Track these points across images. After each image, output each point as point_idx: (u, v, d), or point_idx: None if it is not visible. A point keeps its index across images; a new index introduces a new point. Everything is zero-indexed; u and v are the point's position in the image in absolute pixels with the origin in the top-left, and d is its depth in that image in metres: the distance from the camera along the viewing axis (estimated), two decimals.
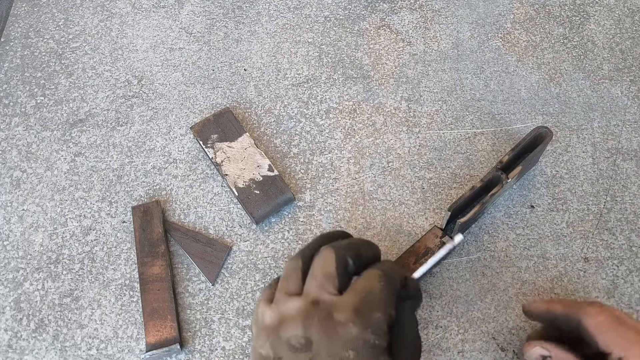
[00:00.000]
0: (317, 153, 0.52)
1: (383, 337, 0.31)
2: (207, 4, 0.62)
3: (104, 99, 0.56)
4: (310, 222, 0.48)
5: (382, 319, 0.32)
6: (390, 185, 0.50)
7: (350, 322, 0.31)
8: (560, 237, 0.46)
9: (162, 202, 0.50)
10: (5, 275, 0.47)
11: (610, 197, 0.48)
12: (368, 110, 0.54)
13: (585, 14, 0.59)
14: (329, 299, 0.32)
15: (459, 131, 0.52)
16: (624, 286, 0.44)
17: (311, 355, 0.31)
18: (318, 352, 0.30)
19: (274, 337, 0.32)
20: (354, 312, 0.31)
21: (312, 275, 0.34)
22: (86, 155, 0.53)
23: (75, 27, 0.61)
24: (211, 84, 0.56)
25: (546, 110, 0.53)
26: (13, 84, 0.57)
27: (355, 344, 0.30)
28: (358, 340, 0.31)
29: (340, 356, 0.30)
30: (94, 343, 0.44)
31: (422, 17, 0.60)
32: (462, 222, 0.41)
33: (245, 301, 0.45)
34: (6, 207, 0.50)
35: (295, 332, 0.31)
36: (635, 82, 0.54)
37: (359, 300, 0.32)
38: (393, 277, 0.34)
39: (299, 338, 0.31)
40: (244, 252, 0.47)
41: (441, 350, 0.42)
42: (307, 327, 0.31)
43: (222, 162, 0.49)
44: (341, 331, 0.31)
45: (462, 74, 0.56)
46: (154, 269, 0.45)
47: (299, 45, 0.58)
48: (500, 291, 0.44)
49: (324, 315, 0.31)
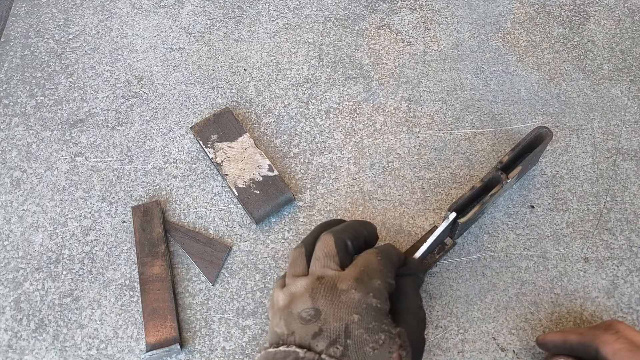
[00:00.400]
0: (317, 153, 0.52)
1: (384, 302, 0.34)
2: (207, 4, 0.62)
3: (104, 99, 0.56)
4: (310, 222, 0.48)
5: (382, 286, 0.35)
6: (390, 185, 0.50)
7: (352, 288, 0.34)
8: (560, 237, 0.46)
9: (162, 202, 0.50)
10: (5, 275, 0.47)
11: (610, 197, 0.48)
12: (368, 110, 0.54)
13: (585, 14, 0.59)
14: (332, 274, 0.35)
15: (459, 131, 0.52)
16: (624, 286, 0.44)
17: (321, 324, 0.33)
18: (327, 320, 0.33)
19: (287, 314, 0.34)
20: (355, 280, 0.34)
21: (315, 257, 0.37)
22: (86, 155, 0.53)
23: (75, 27, 0.61)
24: (211, 84, 0.56)
25: (546, 110, 0.53)
26: (13, 84, 0.57)
27: (359, 308, 0.33)
28: (361, 304, 0.33)
29: (346, 320, 0.33)
30: (94, 343, 0.44)
31: (422, 17, 0.60)
32: (462, 222, 0.41)
33: (245, 301, 0.45)
34: (6, 207, 0.50)
35: (305, 306, 0.34)
36: (635, 82, 0.54)
37: (359, 271, 0.35)
38: (389, 253, 0.38)
39: (309, 310, 0.33)
40: (244, 252, 0.47)
41: (441, 350, 0.42)
42: (314, 299, 0.34)
43: (222, 162, 0.49)
44: (345, 298, 0.33)
45: (462, 74, 0.56)
46: (154, 269, 0.45)
47: (299, 45, 0.58)
48: (500, 291, 0.44)
49: (329, 287, 0.34)
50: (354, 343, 0.32)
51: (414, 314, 0.36)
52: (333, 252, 0.37)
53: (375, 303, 0.34)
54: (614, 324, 0.36)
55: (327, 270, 0.36)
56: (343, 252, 0.37)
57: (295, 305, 0.34)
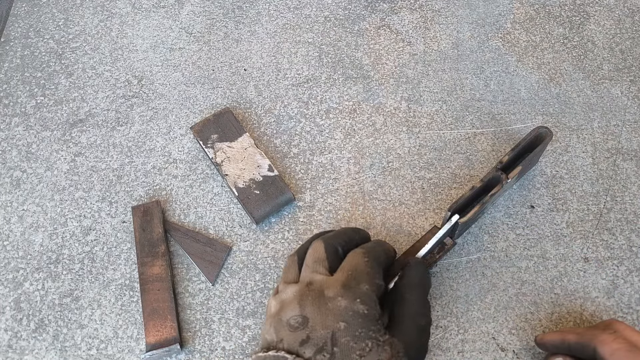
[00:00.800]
0: (317, 153, 0.52)
1: (373, 307, 0.34)
2: (207, 4, 0.62)
3: (104, 99, 0.56)
4: (310, 222, 0.48)
5: (370, 290, 0.34)
6: (390, 185, 0.50)
7: (339, 296, 0.34)
8: (560, 237, 0.46)
9: (162, 202, 0.50)
10: (5, 275, 0.47)
11: (610, 197, 0.48)
12: (368, 110, 0.54)
13: (585, 14, 0.59)
14: (321, 279, 0.35)
15: (459, 131, 0.52)
16: (624, 286, 0.44)
17: (308, 331, 0.33)
18: (314, 327, 0.33)
19: (276, 321, 0.35)
20: (342, 286, 0.34)
21: (305, 264, 0.38)
22: (86, 155, 0.53)
23: (75, 27, 0.61)
24: (211, 84, 0.56)
25: (546, 110, 0.53)
26: (13, 84, 0.57)
27: (346, 315, 0.33)
28: (348, 311, 0.33)
29: (332, 328, 0.33)
30: (94, 343, 0.44)
31: (422, 17, 0.60)
32: (462, 222, 0.41)
33: (245, 301, 0.45)
34: (6, 207, 0.50)
35: (293, 313, 0.34)
36: (635, 82, 0.54)
37: (346, 276, 0.35)
38: (376, 252, 0.37)
39: (297, 317, 0.34)
40: (244, 252, 0.47)
41: (441, 350, 0.42)
42: (302, 306, 0.34)
43: (222, 162, 0.49)
44: (332, 305, 0.33)
45: (462, 74, 0.56)
46: (154, 269, 0.45)
47: (299, 45, 0.58)
48: (500, 291, 0.44)
49: (316, 294, 0.34)
50: (340, 351, 0.32)
51: (413, 320, 0.35)
52: (322, 257, 0.37)
53: (363, 309, 0.33)
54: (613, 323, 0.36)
55: (315, 276, 0.36)
56: (332, 257, 0.37)
57: (285, 312, 0.34)
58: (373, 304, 0.34)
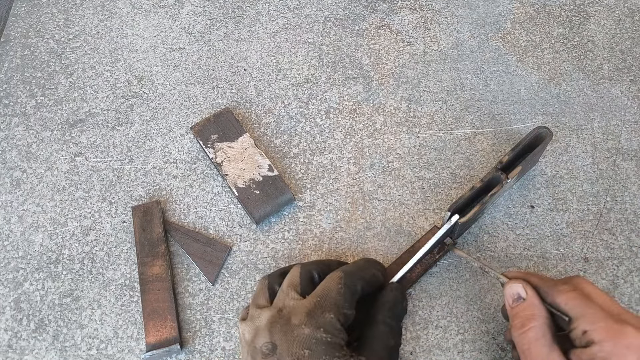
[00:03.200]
0: (317, 153, 0.52)
1: (337, 335, 0.35)
2: (207, 4, 0.62)
3: (104, 99, 0.56)
4: (310, 222, 0.48)
5: (334, 319, 0.35)
6: (390, 185, 0.50)
7: (303, 324, 0.34)
8: (560, 237, 0.46)
9: (162, 202, 0.50)
10: (5, 275, 0.47)
11: (610, 197, 0.48)
12: (368, 110, 0.54)
13: (585, 14, 0.59)
14: (291, 304, 0.36)
15: (459, 131, 0.52)
16: (624, 286, 0.44)
17: (277, 357, 0.34)
18: (281, 354, 0.34)
19: (252, 349, 0.36)
20: (307, 315, 0.35)
21: (280, 289, 0.38)
22: (86, 155, 0.53)
23: (75, 27, 0.61)
24: (211, 84, 0.56)
25: (546, 110, 0.53)
26: (13, 84, 0.57)
27: (309, 343, 0.34)
28: (311, 340, 0.34)
29: (297, 355, 0.34)
30: (94, 343, 0.44)
31: (422, 17, 0.60)
32: (462, 222, 0.41)
33: (245, 301, 0.45)
34: (6, 207, 0.50)
35: (264, 340, 0.35)
36: (635, 82, 0.54)
37: (314, 303, 0.36)
38: (354, 278, 0.37)
39: (267, 344, 0.35)
40: (244, 252, 0.47)
41: (441, 350, 0.42)
42: (272, 333, 0.35)
43: (222, 162, 0.49)
44: (297, 333, 0.34)
45: (462, 74, 0.56)
46: (154, 269, 0.45)
47: (299, 45, 0.58)
48: (500, 291, 0.44)
49: (284, 321, 0.35)
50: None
51: (382, 342, 0.36)
52: (296, 282, 0.38)
53: (326, 338, 0.34)
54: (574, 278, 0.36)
55: (288, 301, 0.36)
56: (306, 282, 0.38)
57: (258, 339, 0.35)
58: (337, 332, 0.35)
